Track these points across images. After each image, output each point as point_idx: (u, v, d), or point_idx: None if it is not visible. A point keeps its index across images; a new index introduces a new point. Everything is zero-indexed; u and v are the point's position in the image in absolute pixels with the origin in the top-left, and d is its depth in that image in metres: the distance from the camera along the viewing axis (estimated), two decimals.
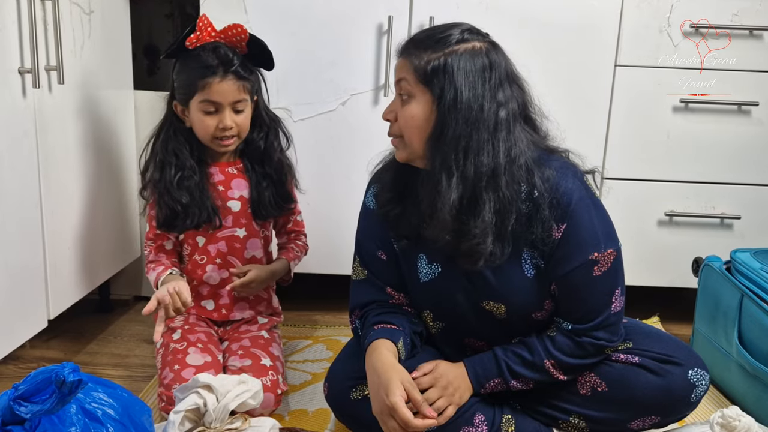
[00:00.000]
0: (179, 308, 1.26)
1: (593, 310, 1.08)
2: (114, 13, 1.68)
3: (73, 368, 0.82)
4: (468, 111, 1.01)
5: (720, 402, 1.43)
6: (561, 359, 1.10)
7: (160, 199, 1.38)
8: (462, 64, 1.02)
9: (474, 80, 1.02)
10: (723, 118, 1.69)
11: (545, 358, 1.10)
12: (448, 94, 1.02)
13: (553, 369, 1.10)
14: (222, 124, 1.34)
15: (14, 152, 1.31)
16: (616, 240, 1.10)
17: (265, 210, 1.44)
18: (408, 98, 1.06)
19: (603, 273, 1.07)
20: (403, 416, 1.00)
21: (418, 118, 1.05)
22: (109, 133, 1.68)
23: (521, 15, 1.63)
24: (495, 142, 1.02)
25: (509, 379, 1.11)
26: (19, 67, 1.29)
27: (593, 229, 1.06)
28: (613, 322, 1.10)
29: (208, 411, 1.05)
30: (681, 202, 1.73)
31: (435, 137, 1.04)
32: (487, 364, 1.12)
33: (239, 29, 1.35)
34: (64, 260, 1.51)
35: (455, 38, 1.04)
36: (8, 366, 1.49)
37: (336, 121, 1.69)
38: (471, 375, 1.12)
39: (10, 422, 0.84)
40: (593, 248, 1.06)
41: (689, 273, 1.62)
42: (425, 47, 1.04)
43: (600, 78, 1.67)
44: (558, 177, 1.05)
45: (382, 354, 1.07)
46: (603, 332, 1.09)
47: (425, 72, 1.03)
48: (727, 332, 1.42)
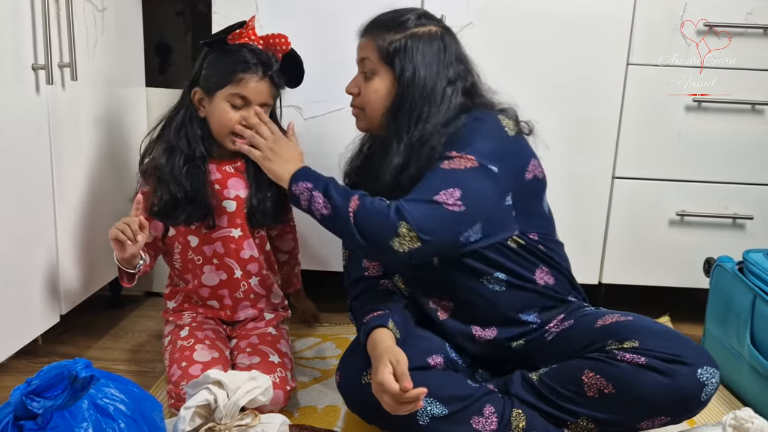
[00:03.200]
0: (136, 230, 1.27)
1: (418, 189, 1.11)
2: (126, 10, 1.69)
3: (86, 364, 0.83)
4: (423, 87, 1.16)
5: (732, 404, 1.42)
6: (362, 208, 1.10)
7: (162, 186, 1.35)
8: (420, 46, 1.17)
9: (430, 60, 1.17)
10: (736, 117, 1.68)
11: (352, 195, 1.13)
12: (407, 72, 1.16)
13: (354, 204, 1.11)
14: (245, 121, 1.34)
15: (28, 148, 1.32)
16: (493, 162, 1.13)
17: (261, 218, 1.41)
18: (371, 75, 1.21)
19: (448, 169, 1.12)
20: (390, 388, 1.04)
21: (380, 93, 1.20)
22: (120, 130, 1.69)
23: (532, 13, 1.62)
24: (438, 114, 1.16)
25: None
26: (32, 63, 1.30)
27: (471, 137, 1.14)
28: (419, 203, 1.09)
29: (218, 407, 1.05)
30: (693, 202, 1.72)
31: (393, 110, 1.18)
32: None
33: (283, 39, 1.36)
34: (76, 257, 1.52)
35: (413, 22, 1.19)
36: (21, 361, 1.50)
37: (346, 119, 1.68)
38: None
39: (22, 417, 0.85)
40: (458, 148, 1.14)
41: (700, 273, 1.61)
42: (387, 29, 1.19)
43: (612, 76, 1.66)
44: (473, 116, 1.17)
45: (377, 341, 1.13)
46: (411, 207, 1.08)
47: (388, 52, 1.18)
48: (739, 333, 1.41)
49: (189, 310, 1.47)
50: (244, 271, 1.44)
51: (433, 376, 1.12)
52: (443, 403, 1.11)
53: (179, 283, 1.48)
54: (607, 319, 1.18)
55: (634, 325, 1.15)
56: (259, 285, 1.47)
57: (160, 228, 1.43)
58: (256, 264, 1.45)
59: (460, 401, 1.11)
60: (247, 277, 1.45)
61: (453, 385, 1.14)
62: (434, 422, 1.10)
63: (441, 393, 1.11)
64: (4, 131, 1.24)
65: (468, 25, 1.61)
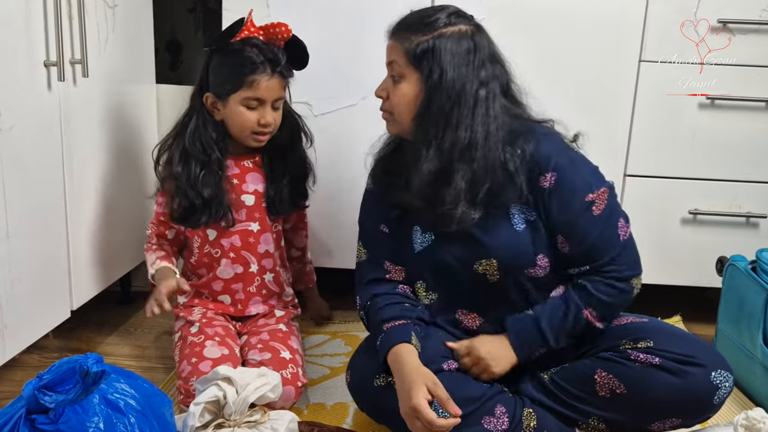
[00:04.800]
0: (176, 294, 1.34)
1: (603, 247, 1.13)
2: (137, 7, 1.70)
3: (97, 359, 0.83)
4: (451, 89, 1.09)
5: (743, 404, 1.41)
6: (598, 299, 1.13)
7: (180, 193, 1.38)
8: (449, 46, 1.10)
9: (459, 61, 1.10)
10: (750, 115, 1.66)
11: (584, 307, 1.13)
12: (434, 75, 1.10)
13: (591, 317, 1.14)
14: (264, 120, 1.36)
15: (40, 144, 1.33)
16: (605, 179, 1.16)
17: (280, 206, 1.44)
18: (399, 78, 1.14)
19: (602, 211, 1.13)
20: (426, 416, 1.03)
21: (409, 96, 1.13)
22: (131, 127, 1.69)
23: (544, 9, 1.61)
24: (473, 118, 1.10)
25: (551, 342, 1.14)
26: (44, 60, 1.31)
27: (581, 174, 1.13)
28: (626, 250, 1.14)
29: (227, 403, 1.05)
30: (706, 201, 1.70)
31: (421, 113, 1.12)
32: (528, 331, 1.15)
33: (283, 28, 1.35)
34: (87, 252, 1.52)
35: (442, 22, 1.11)
36: (32, 355, 1.51)
37: (357, 116, 1.68)
38: (515, 346, 1.15)
39: (35, 411, 0.85)
40: (587, 190, 1.12)
41: (713, 272, 1.60)
42: (414, 30, 1.12)
43: (624, 73, 1.64)
44: (536, 141, 1.12)
45: (404, 358, 1.10)
46: (620, 262, 1.13)
47: (415, 54, 1.11)
48: (752, 333, 1.40)
49: (199, 306, 1.47)
50: (260, 265, 1.45)
51: (444, 380, 1.10)
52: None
53: (191, 278, 1.49)
54: (622, 320, 1.18)
55: (648, 326, 1.15)
56: (272, 281, 1.49)
57: (186, 227, 1.45)
58: (271, 260, 1.47)
59: (472, 403, 1.10)
60: (262, 272, 1.46)
61: (464, 386, 1.13)
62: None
63: (453, 397, 1.09)
64: (16, 127, 1.25)
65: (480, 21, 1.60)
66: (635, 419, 1.13)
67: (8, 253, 1.26)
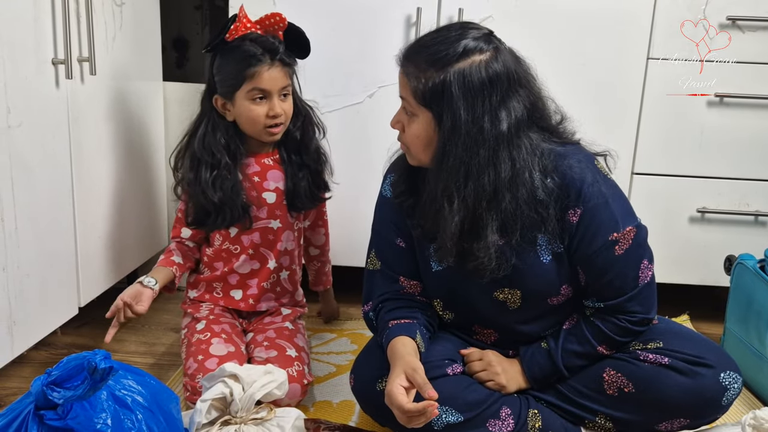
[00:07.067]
0: (129, 317, 1.32)
1: (621, 287, 1.10)
2: (144, 4, 1.70)
3: (105, 355, 0.83)
4: (467, 135, 1.00)
5: (751, 403, 1.40)
6: (611, 339, 1.12)
7: (194, 199, 1.39)
8: (460, 82, 1.00)
9: (473, 99, 1.00)
10: (759, 113, 1.65)
11: (597, 345, 1.13)
12: (447, 118, 1.01)
13: (605, 351, 1.14)
14: (272, 112, 1.35)
15: (48, 142, 1.33)
16: (635, 217, 1.11)
17: (300, 202, 1.44)
18: (411, 116, 1.06)
19: (625, 251, 1.08)
20: (395, 400, 0.98)
21: (422, 137, 1.05)
22: (138, 124, 1.70)
23: (552, 6, 1.60)
24: (496, 162, 1.01)
25: (564, 373, 1.14)
26: (52, 58, 1.31)
27: (609, 210, 1.07)
28: (644, 293, 1.11)
29: (234, 400, 1.06)
30: (714, 199, 1.70)
31: (437, 162, 1.03)
32: (542, 365, 1.15)
33: (278, 18, 1.35)
34: (95, 249, 1.53)
35: (455, 55, 1.01)
36: (40, 352, 1.52)
37: (364, 113, 1.68)
38: (528, 378, 1.16)
39: (43, 407, 0.86)
40: (612, 229, 1.07)
41: (721, 271, 1.59)
42: (425, 64, 1.02)
43: (632, 71, 1.64)
44: (565, 168, 1.06)
45: (397, 350, 1.08)
46: (635, 304, 1.10)
47: (424, 96, 1.02)
48: (760, 332, 1.39)
49: (208, 302, 1.47)
50: (278, 263, 1.46)
51: (448, 384, 1.10)
52: (459, 411, 1.09)
53: (204, 271, 1.49)
54: None
55: (658, 327, 1.15)
56: (287, 279, 1.49)
57: (204, 231, 1.45)
58: (289, 257, 1.47)
59: (476, 406, 1.10)
60: (279, 269, 1.47)
61: (468, 390, 1.12)
62: (450, 428, 1.08)
63: (457, 401, 1.09)
64: (24, 125, 1.25)
65: (487, 18, 1.60)
66: (643, 418, 1.12)
67: (17, 250, 1.26)
